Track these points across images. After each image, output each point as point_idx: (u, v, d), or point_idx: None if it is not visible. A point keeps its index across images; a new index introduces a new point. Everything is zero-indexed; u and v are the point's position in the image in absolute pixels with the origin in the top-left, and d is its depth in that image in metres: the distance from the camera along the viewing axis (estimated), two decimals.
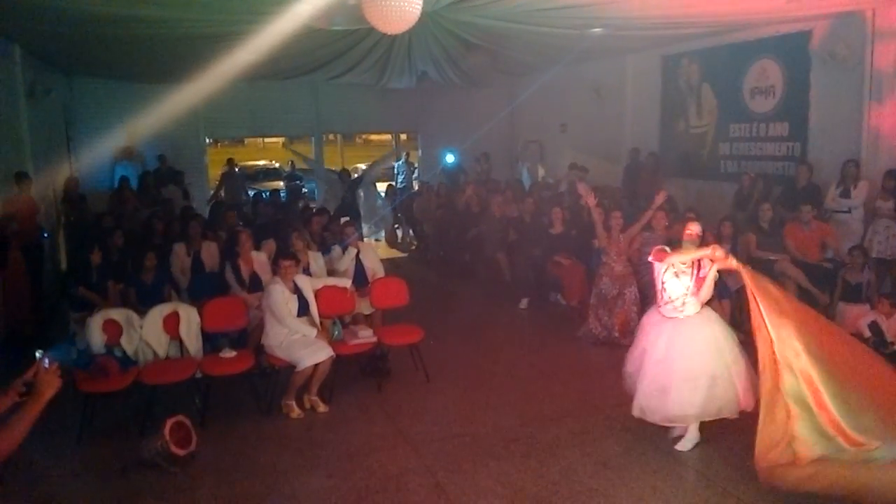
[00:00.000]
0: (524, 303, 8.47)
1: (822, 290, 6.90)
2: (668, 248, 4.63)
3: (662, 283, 4.57)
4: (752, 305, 4.00)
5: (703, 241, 7.10)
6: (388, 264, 7.49)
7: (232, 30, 7.08)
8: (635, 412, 4.58)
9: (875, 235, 7.20)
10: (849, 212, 7.54)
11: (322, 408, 5.43)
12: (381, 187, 15.54)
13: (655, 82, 10.89)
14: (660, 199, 6.78)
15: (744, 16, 7.65)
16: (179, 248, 7.04)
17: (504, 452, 4.63)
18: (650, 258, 4.66)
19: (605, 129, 11.92)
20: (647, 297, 6.91)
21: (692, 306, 4.52)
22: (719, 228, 7.44)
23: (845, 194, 7.54)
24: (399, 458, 4.63)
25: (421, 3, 4.13)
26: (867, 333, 6.26)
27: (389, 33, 4.33)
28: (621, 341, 6.63)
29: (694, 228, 4.66)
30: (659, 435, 4.73)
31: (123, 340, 5.41)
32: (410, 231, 13.34)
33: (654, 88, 10.94)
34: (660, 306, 4.65)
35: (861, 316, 6.57)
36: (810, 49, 8.22)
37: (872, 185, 7.39)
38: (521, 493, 4.15)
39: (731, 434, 4.59)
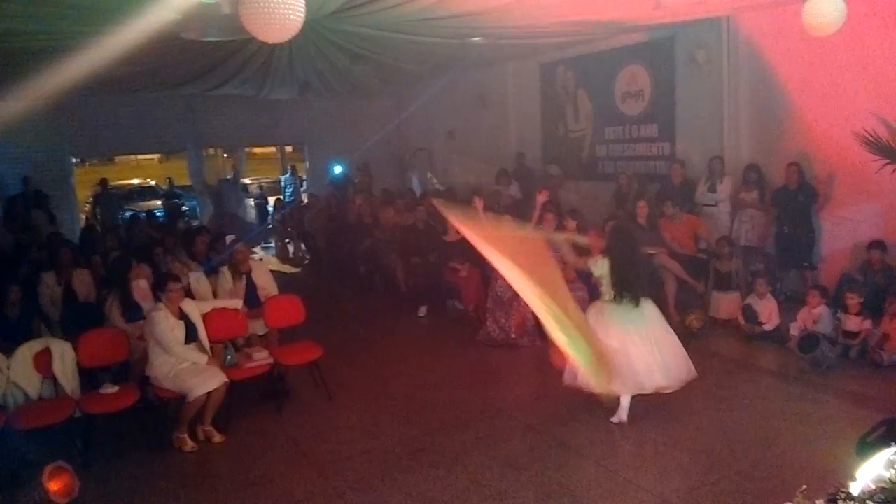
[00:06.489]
0: (422, 311, 8.47)
1: (699, 279, 7.37)
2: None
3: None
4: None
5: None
6: (281, 280, 7.27)
7: (91, 41, 6.60)
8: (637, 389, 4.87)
9: (741, 225, 7.79)
10: (716, 205, 8.11)
11: (218, 438, 5.16)
12: (271, 201, 15.09)
13: (535, 89, 11.28)
14: (541, 198, 6.95)
15: (612, 22, 8.04)
16: (48, 278, 6.49)
17: (412, 464, 4.59)
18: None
19: (491, 134, 12.21)
20: None
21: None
22: (604, 227, 7.77)
23: (712, 189, 8.11)
24: (305, 482, 4.47)
25: (303, 11, 3.99)
26: (742, 320, 6.71)
27: (270, 42, 4.17)
28: (518, 342, 6.84)
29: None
30: (560, 431, 4.88)
31: None
32: (302, 245, 13.03)
33: (533, 94, 11.32)
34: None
35: (732, 302, 7.08)
36: (674, 54, 8.80)
37: (736, 179, 8.00)
38: (431, 503, 4.13)
39: (629, 426, 4.84)
